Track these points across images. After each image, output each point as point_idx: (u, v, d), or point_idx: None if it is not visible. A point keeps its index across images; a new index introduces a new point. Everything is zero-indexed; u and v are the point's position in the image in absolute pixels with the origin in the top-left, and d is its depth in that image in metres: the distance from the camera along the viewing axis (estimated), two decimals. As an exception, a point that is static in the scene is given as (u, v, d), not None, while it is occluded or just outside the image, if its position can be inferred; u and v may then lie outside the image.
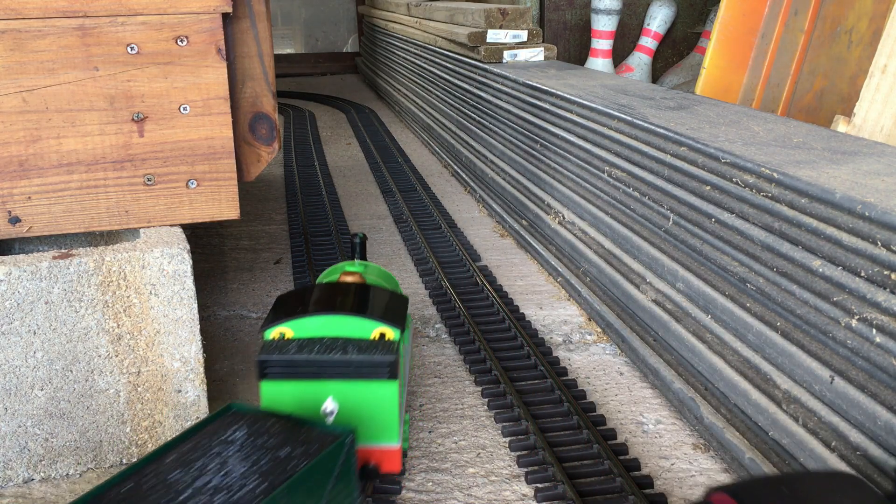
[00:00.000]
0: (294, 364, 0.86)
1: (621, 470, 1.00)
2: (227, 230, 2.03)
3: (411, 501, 0.99)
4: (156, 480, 0.74)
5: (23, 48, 0.99)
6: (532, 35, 2.29)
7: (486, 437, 1.12)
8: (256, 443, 0.77)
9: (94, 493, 0.71)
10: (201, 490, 0.71)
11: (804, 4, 2.05)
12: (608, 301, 1.41)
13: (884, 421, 0.79)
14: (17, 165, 1.02)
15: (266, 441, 0.77)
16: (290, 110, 3.84)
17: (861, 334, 0.83)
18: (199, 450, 0.77)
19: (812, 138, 1.16)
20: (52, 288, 0.97)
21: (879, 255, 0.81)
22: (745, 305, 1.03)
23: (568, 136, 1.66)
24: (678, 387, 1.14)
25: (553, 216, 1.71)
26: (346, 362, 0.86)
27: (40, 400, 0.99)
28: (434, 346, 1.40)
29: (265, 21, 1.14)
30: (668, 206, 1.23)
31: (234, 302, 1.59)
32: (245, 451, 0.75)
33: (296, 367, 0.86)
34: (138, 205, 1.09)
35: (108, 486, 0.72)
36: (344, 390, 0.88)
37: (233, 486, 0.72)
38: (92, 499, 0.71)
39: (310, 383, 0.87)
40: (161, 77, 1.05)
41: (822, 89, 2.04)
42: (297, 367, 0.86)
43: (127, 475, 0.74)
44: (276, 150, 1.19)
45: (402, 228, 2.02)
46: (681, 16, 3.83)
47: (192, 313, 1.04)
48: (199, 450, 0.77)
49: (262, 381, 0.88)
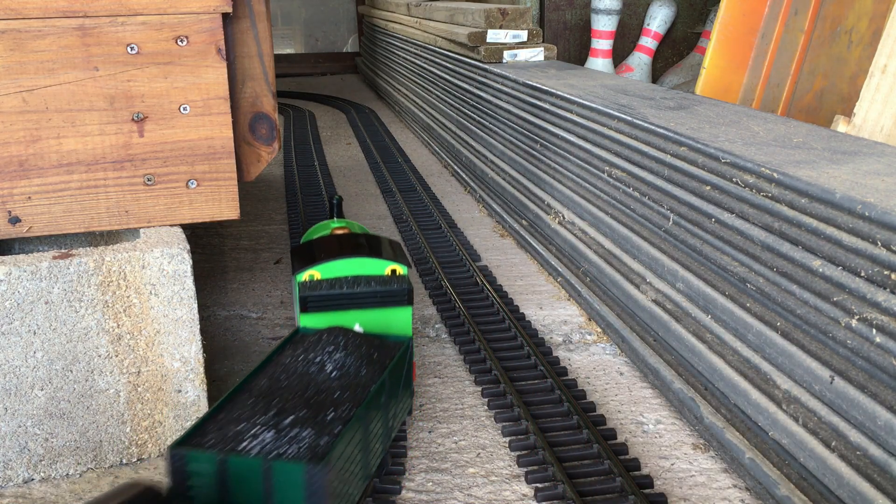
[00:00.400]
0: (330, 298, 1.05)
1: (621, 470, 1.00)
2: (227, 230, 2.03)
3: (411, 501, 0.99)
4: (286, 375, 0.90)
5: (23, 48, 0.99)
6: (532, 35, 2.29)
7: (486, 437, 1.12)
8: (349, 348, 0.94)
9: (237, 389, 0.87)
10: (330, 376, 0.90)
11: (804, 4, 2.05)
12: (608, 301, 1.41)
13: (884, 421, 0.79)
14: (17, 165, 1.02)
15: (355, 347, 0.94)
16: (290, 110, 3.84)
17: (861, 334, 0.83)
18: (307, 354, 0.93)
19: (812, 138, 1.16)
20: (52, 288, 0.97)
21: (879, 255, 0.81)
22: (745, 305, 1.03)
23: (568, 136, 1.66)
24: (678, 387, 1.14)
25: (553, 216, 1.71)
26: (372, 293, 1.06)
27: (40, 400, 0.99)
28: (434, 346, 1.40)
29: (265, 21, 1.14)
30: (668, 206, 1.23)
31: (234, 302, 1.59)
32: (345, 353, 0.93)
33: (331, 301, 1.05)
34: (138, 205, 1.09)
35: (245, 383, 0.89)
36: (369, 317, 1.07)
37: (351, 372, 0.91)
38: (236, 393, 0.86)
39: (342, 314, 1.06)
40: (161, 77, 1.05)
41: (822, 89, 2.04)
42: (332, 301, 1.05)
43: (252, 376, 0.91)
44: (276, 150, 1.19)
45: (402, 228, 2.02)
46: (681, 16, 3.83)
47: (192, 313, 1.04)
48: (307, 354, 0.93)
49: (303, 313, 1.05)
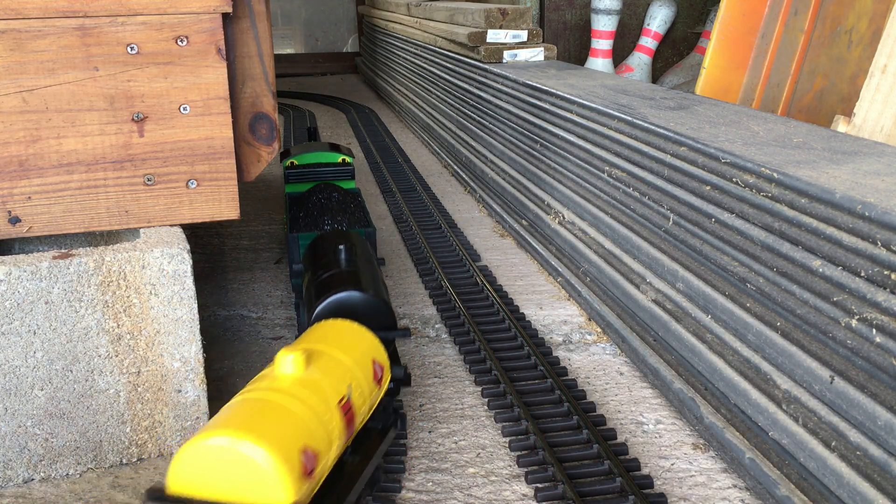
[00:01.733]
0: (303, 173, 1.66)
1: (621, 470, 1.00)
2: (227, 230, 2.03)
3: (411, 501, 0.99)
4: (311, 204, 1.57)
5: (23, 48, 0.99)
6: (532, 35, 2.29)
7: (486, 437, 1.12)
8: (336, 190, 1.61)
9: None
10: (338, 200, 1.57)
11: (804, 4, 2.04)
12: (608, 301, 1.41)
13: (884, 421, 0.79)
14: (17, 165, 1.02)
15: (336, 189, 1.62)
16: (290, 110, 3.84)
17: (861, 334, 0.83)
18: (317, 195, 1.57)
19: (812, 138, 1.16)
20: (52, 288, 0.97)
21: (879, 255, 0.81)
22: (745, 305, 1.03)
23: (568, 136, 1.66)
24: (678, 387, 1.14)
25: (553, 216, 1.71)
26: (329, 171, 1.67)
27: (40, 400, 0.99)
28: (434, 346, 1.40)
29: (265, 21, 1.14)
30: (668, 206, 1.23)
31: (234, 302, 1.59)
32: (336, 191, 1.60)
33: (304, 174, 1.66)
34: (138, 205, 1.09)
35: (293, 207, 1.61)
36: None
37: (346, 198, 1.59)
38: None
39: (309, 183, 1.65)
40: (161, 77, 1.05)
41: (822, 89, 2.04)
42: (304, 174, 1.66)
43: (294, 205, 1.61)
44: (276, 150, 1.19)
45: (402, 228, 2.02)
46: (681, 16, 3.83)
47: (192, 313, 1.04)
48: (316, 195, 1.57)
49: (287, 184, 1.66)
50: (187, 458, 0.70)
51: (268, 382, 0.77)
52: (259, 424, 0.70)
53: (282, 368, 0.78)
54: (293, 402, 0.74)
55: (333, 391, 0.80)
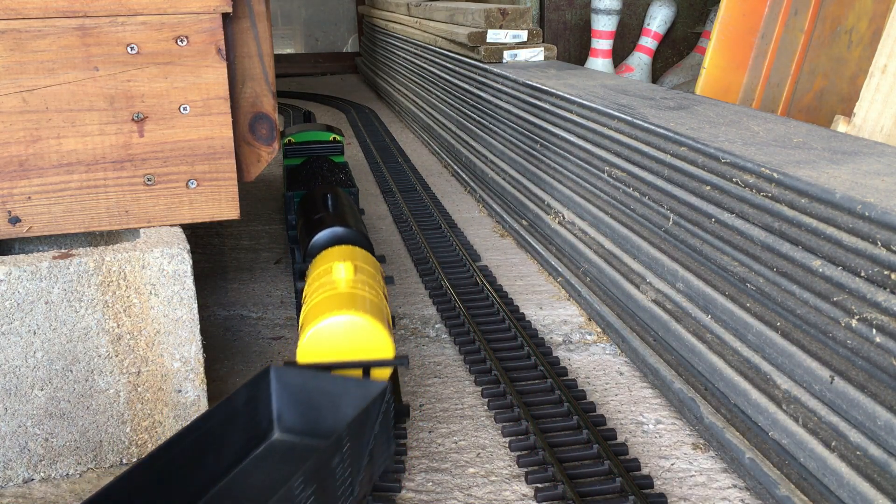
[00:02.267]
0: (299, 149, 1.81)
1: (621, 470, 1.00)
2: (227, 230, 2.03)
3: (411, 501, 0.99)
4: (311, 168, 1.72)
5: (23, 48, 0.99)
6: (532, 35, 2.29)
7: (486, 437, 1.12)
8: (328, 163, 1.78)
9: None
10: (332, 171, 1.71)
11: (804, 4, 2.04)
12: (608, 301, 1.41)
13: (884, 421, 0.79)
14: (17, 165, 1.02)
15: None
16: (290, 110, 3.84)
17: (861, 334, 0.83)
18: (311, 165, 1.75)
19: (812, 138, 1.16)
20: (52, 288, 0.97)
21: (879, 255, 0.81)
22: (745, 305, 1.03)
23: (568, 136, 1.66)
24: (678, 387, 1.14)
25: (553, 216, 1.71)
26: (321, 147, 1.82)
27: (40, 400, 0.99)
28: (434, 346, 1.40)
29: (265, 21, 1.14)
30: (668, 206, 1.23)
31: (234, 302, 1.59)
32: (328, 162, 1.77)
33: (300, 150, 1.81)
34: (138, 205, 1.09)
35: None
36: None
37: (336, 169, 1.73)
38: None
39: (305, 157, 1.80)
40: (161, 77, 1.05)
41: (822, 89, 2.04)
42: (300, 150, 1.81)
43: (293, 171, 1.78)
44: (276, 150, 1.19)
45: (402, 228, 2.02)
46: (681, 16, 3.83)
47: (192, 313, 1.04)
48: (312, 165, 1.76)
49: (284, 158, 1.81)
50: (313, 338, 0.95)
51: (334, 284, 1.02)
52: (360, 306, 0.97)
53: (338, 274, 1.03)
54: (364, 292, 1.01)
55: (377, 286, 1.08)
